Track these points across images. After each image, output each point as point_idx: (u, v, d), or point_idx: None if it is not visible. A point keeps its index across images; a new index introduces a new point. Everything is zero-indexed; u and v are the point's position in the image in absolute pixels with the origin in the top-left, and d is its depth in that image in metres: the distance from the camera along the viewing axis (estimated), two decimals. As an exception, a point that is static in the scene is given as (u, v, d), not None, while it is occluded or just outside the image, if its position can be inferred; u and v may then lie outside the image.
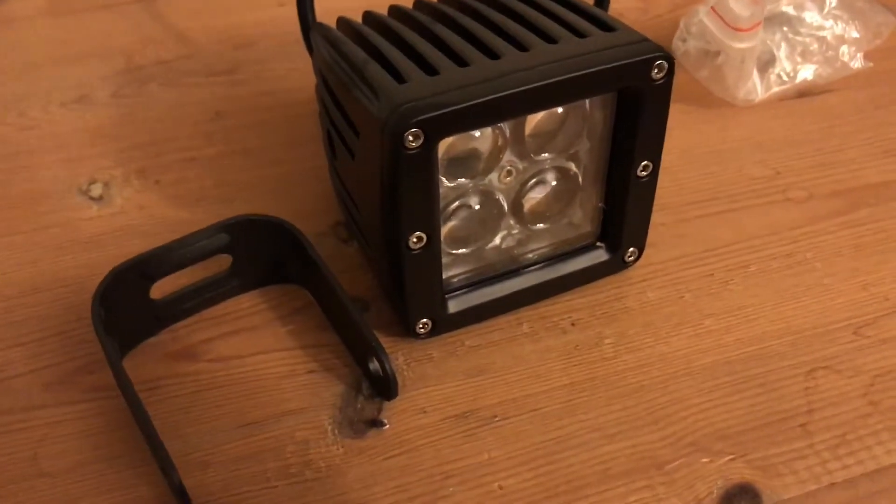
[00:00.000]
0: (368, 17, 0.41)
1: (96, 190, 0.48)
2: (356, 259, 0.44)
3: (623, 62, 0.35)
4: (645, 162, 0.39)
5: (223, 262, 0.41)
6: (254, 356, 0.40)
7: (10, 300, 0.43)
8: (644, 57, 0.35)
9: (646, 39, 0.36)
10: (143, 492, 0.35)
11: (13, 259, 0.44)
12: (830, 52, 0.53)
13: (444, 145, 0.35)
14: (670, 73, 0.36)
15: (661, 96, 0.36)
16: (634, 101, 0.37)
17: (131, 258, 0.38)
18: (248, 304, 0.42)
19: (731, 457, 0.37)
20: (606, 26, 0.36)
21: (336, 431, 0.37)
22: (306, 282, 0.42)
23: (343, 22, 0.41)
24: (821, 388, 0.40)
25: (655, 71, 0.35)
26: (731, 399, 0.39)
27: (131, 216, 0.47)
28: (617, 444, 0.37)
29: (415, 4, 0.42)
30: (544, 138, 0.38)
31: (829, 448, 0.37)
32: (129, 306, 0.38)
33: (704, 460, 0.37)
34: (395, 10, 0.41)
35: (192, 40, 0.60)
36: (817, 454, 0.37)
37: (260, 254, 0.41)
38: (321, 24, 0.42)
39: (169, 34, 0.60)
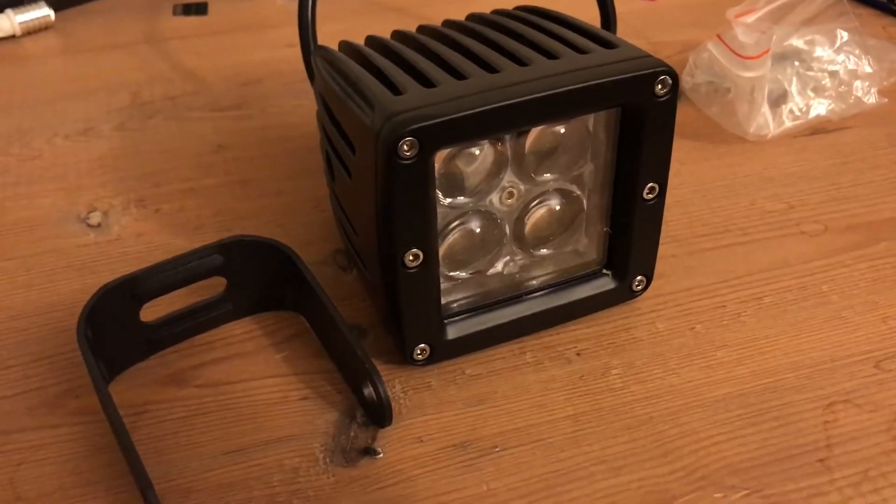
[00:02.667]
0: (370, 39, 0.41)
1: (95, 218, 0.48)
2: (355, 287, 0.43)
3: (625, 76, 0.34)
4: (651, 184, 0.38)
5: (218, 285, 0.40)
6: (245, 382, 0.39)
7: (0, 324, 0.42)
8: (647, 71, 0.34)
9: (648, 55, 0.35)
10: (122, 519, 0.33)
11: (5, 283, 0.44)
12: (843, 88, 0.52)
13: (441, 160, 0.34)
14: (674, 89, 0.35)
15: (665, 113, 0.35)
16: (638, 118, 0.36)
17: (121, 277, 0.37)
18: (241, 330, 0.41)
19: (746, 492, 0.35)
20: (608, 43, 0.36)
21: (327, 460, 0.36)
22: (302, 307, 0.41)
23: (344, 44, 0.41)
24: (840, 423, 0.38)
25: (659, 87, 0.35)
26: (745, 432, 0.37)
27: (128, 243, 0.46)
28: (623, 477, 0.35)
29: (418, 28, 0.42)
30: (545, 158, 0.37)
31: (852, 485, 0.35)
32: (118, 328, 0.37)
33: (717, 496, 0.35)
34: (397, 34, 0.41)
35: (199, 78, 0.60)
36: (839, 490, 0.35)
37: (255, 277, 0.40)
38: (322, 47, 0.41)
39: (177, 72, 0.60)
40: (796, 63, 0.52)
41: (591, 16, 0.48)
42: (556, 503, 0.34)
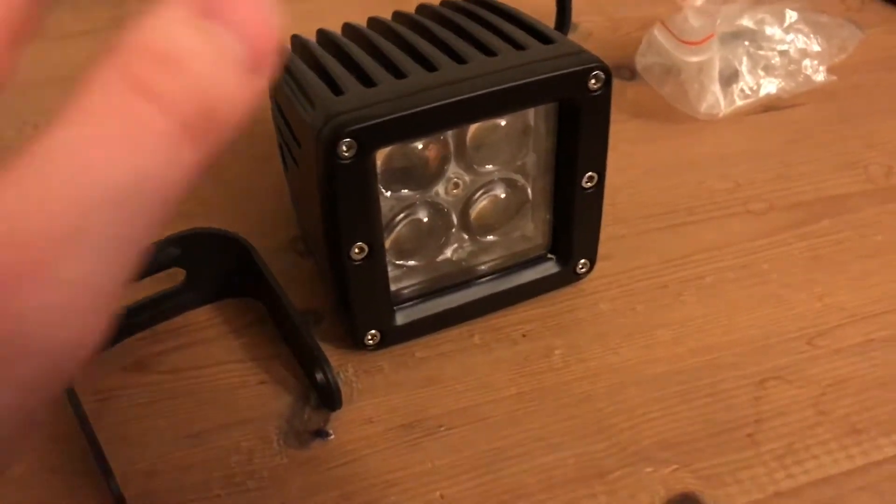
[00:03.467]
0: (320, 34, 0.42)
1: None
2: (313, 272, 0.45)
3: (559, 73, 0.35)
4: (590, 173, 0.39)
5: (177, 275, 0.41)
6: (206, 368, 0.41)
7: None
8: (580, 68, 0.36)
9: (583, 51, 0.37)
10: (88, 500, 0.36)
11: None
12: (793, 66, 0.54)
13: (383, 156, 0.36)
14: (608, 84, 0.36)
15: (599, 107, 0.37)
16: (574, 112, 0.37)
17: (81, 270, 0.38)
18: (202, 318, 0.43)
19: (676, 466, 0.37)
20: (546, 38, 0.37)
21: (281, 441, 0.38)
22: (259, 295, 0.42)
23: (296, 39, 0.42)
24: (770, 398, 0.40)
25: (592, 81, 0.36)
26: (678, 409, 0.39)
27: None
28: (560, 453, 0.38)
29: (368, 21, 0.43)
30: (488, 150, 0.39)
31: (776, 457, 0.38)
32: (81, 318, 0.39)
33: (648, 470, 0.37)
34: (347, 28, 0.42)
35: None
36: (764, 464, 0.37)
37: (213, 267, 0.41)
38: (273, 42, 0.43)
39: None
40: (746, 42, 0.53)
41: None
42: (495, 478, 0.37)
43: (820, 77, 0.54)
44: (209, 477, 0.36)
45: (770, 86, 0.54)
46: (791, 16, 0.53)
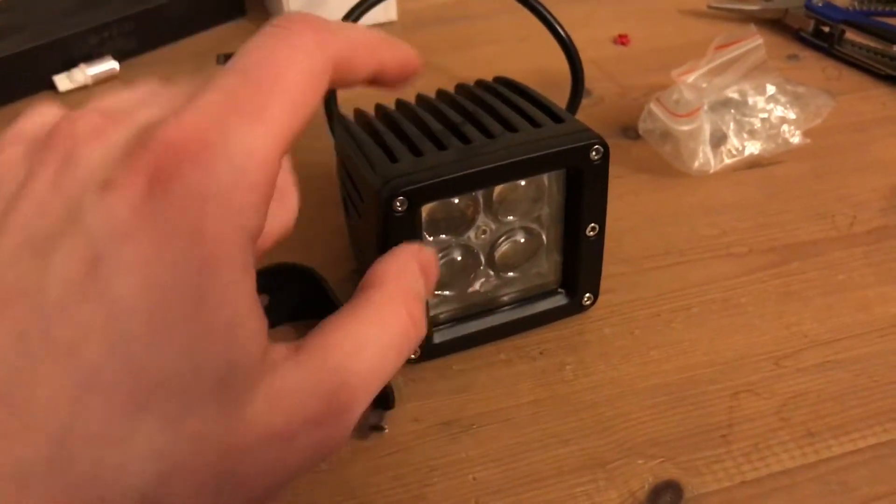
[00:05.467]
0: (378, 108, 0.52)
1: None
2: (368, 301, 0.55)
3: (567, 147, 0.45)
4: (592, 224, 0.49)
5: (262, 300, 0.51)
6: (283, 376, 0.50)
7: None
8: (584, 143, 0.45)
9: (587, 129, 0.46)
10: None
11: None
12: (773, 131, 0.63)
13: (427, 210, 0.46)
14: (606, 155, 0.46)
15: (599, 173, 0.47)
16: (579, 176, 0.47)
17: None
18: (280, 335, 0.53)
19: (662, 459, 0.46)
20: (557, 118, 0.47)
21: (346, 434, 0.47)
22: (327, 316, 0.52)
23: (358, 113, 0.52)
24: (742, 407, 0.48)
25: (594, 154, 0.46)
26: (666, 414, 0.48)
27: (189, 266, 0.58)
28: (570, 447, 0.47)
29: (416, 98, 0.53)
30: (510, 205, 0.48)
31: (744, 454, 0.46)
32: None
33: (640, 461, 0.46)
34: (399, 103, 0.52)
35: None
36: (733, 458, 0.46)
37: (291, 294, 0.51)
38: (341, 115, 0.53)
39: (222, 117, 0.72)
40: (733, 110, 0.63)
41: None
42: (517, 466, 0.46)
43: (796, 139, 0.63)
44: (289, 460, 0.46)
45: (753, 147, 0.63)
46: (770, 89, 0.62)
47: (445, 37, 0.82)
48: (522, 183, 0.48)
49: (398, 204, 0.43)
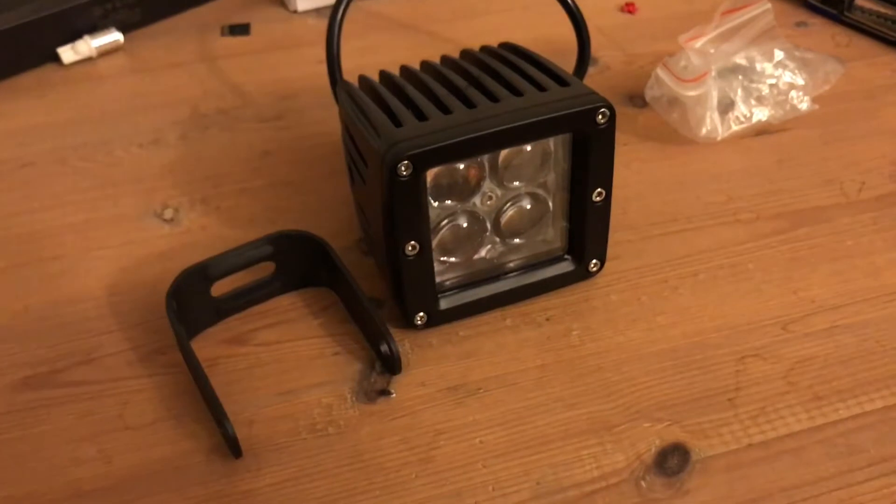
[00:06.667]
0: (382, 75, 0.52)
1: (168, 214, 0.60)
2: (374, 268, 0.55)
3: (573, 110, 0.45)
4: (599, 189, 0.48)
5: (268, 268, 0.52)
6: (291, 342, 0.51)
7: (100, 299, 0.54)
8: (590, 106, 0.45)
9: (593, 92, 0.46)
10: (203, 441, 0.46)
11: (104, 268, 0.56)
12: (781, 97, 0.63)
13: (432, 175, 0.46)
14: (612, 119, 0.46)
15: (606, 137, 0.46)
16: (585, 141, 0.47)
17: (196, 263, 0.49)
18: (287, 303, 0.53)
19: (669, 423, 0.46)
20: (563, 81, 0.47)
21: (354, 399, 0.48)
22: (333, 285, 0.52)
23: (362, 79, 0.52)
24: (748, 372, 0.49)
25: (600, 117, 0.45)
26: (672, 379, 0.48)
27: (196, 234, 0.58)
28: (576, 411, 0.47)
29: (420, 64, 0.53)
30: (516, 170, 0.48)
31: (751, 417, 0.46)
32: (194, 302, 0.49)
33: (646, 425, 0.46)
34: (403, 70, 0.52)
35: (246, 93, 0.71)
36: (740, 421, 0.46)
37: (297, 261, 0.52)
38: (344, 81, 0.53)
39: (227, 88, 0.72)
40: (740, 77, 0.62)
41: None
42: (523, 429, 0.46)
43: (805, 106, 0.63)
44: (297, 425, 0.46)
45: (761, 114, 0.63)
46: (779, 54, 0.62)
47: (449, 5, 0.81)
48: (528, 147, 0.47)
49: (402, 168, 0.43)
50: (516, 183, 0.49)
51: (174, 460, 0.45)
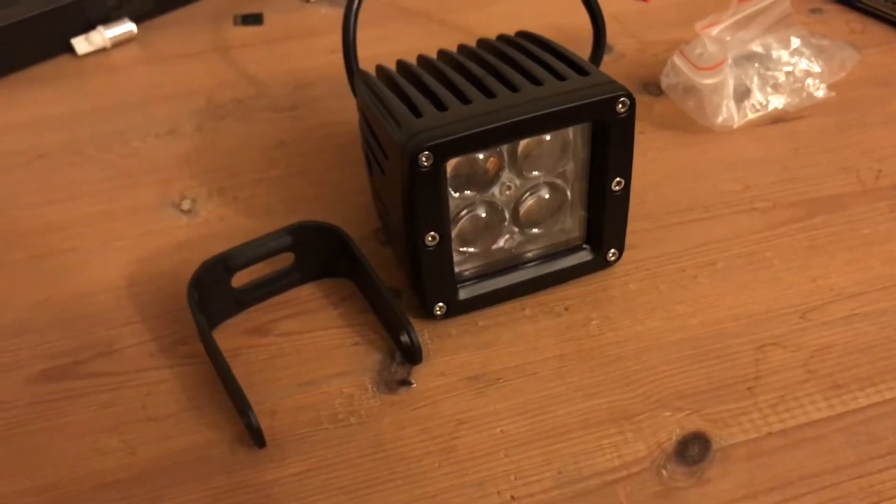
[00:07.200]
0: (400, 64, 0.52)
1: (186, 204, 0.60)
2: (391, 258, 0.55)
3: (593, 99, 0.45)
4: (618, 178, 0.48)
5: (288, 258, 0.52)
6: (311, 332, 0.51)
7: (119, 290, 0.54)
8: (610, 95, 0.45)
9: (612, 81, 0.46)
10: (226, 431, 0.46)
11: (122, 259, 0.56)
12: (797, 85, 0.62)
13: (452, 165, 0.46)
14: (632, 108, 0.46)
15: (625, 126, 0.46)
16: (605, 130, 0.46)
17: (217, 254, 0.49)
18: (306, 293, 0.53)
19: (689, 412, 0.46)
20: (582, 70, 0.47)
21: (374, 388, 0.48)
22: (352, 275, 0.53)
23: (380, 69, 0.52)
24: (768, 360, 0.49)
25: (619, 107, 0.45)
26: (692, 368, 0.48)
27: (213, 225, 0.58)
28: (596, 400, 0.47)
29: (438, 53, 0.53)
30: (535, 160, 0.48)
31: (771, 406, 0.46)
32: (215, 292, 0.49)
33: (666, 414, 0.46)
34: (420, 59, 0.52)
35: (261, 82, 0.71)
36: (760, 410, 0.46)
37: (316, 252, 0.52)
38: (362, 71, 0.53)
39: (242, 77, 0.72)
40: (756, 64, 0.62)
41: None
42: (543, 419, 0.46)
43: (821, 93, 0.63)
44: (319, 415, 0.47)
45: (777, 101, 0.62)
46: (795, 42, 0.62)
47: (463, -5, 0.81)
48: (547, 137, 0.47)
49: (424, 159, 0.43)
50: (535, 173, 0.49)
51: (197, 451, 0.45)
